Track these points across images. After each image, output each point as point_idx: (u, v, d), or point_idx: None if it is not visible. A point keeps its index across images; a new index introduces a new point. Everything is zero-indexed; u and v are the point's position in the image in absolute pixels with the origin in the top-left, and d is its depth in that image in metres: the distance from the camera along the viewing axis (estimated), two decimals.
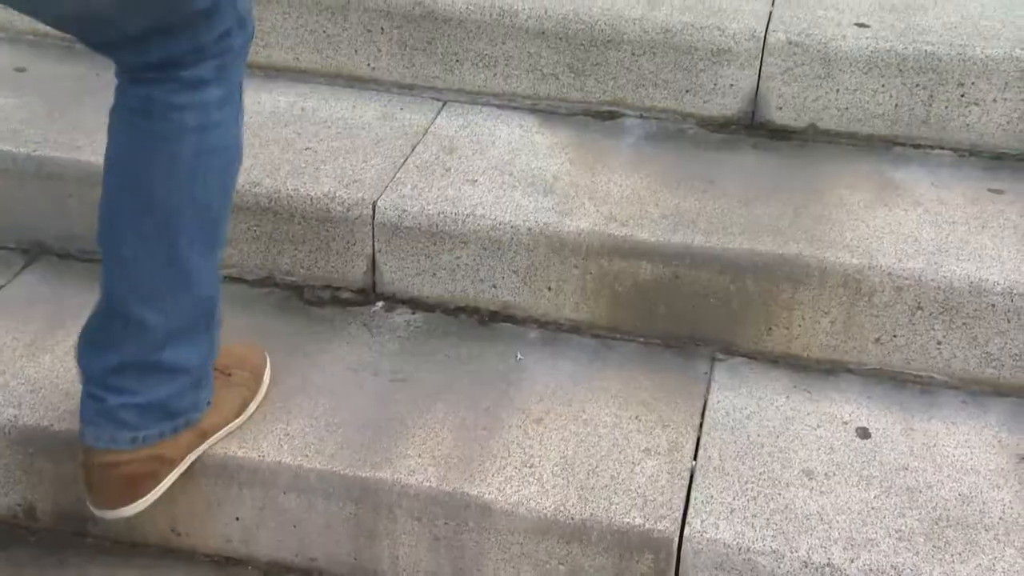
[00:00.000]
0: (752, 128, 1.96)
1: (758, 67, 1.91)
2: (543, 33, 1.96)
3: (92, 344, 1.36)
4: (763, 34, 1.90)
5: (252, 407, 1.52)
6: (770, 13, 1.97)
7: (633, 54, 1.95)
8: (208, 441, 1.46)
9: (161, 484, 1.40)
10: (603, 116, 1.99)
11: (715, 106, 1.96)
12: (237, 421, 1.49)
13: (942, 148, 1.91)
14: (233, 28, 1.27)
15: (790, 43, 1.89)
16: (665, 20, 1.93)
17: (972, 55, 1.85)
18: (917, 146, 1.92)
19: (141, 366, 1.34)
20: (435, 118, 1.97)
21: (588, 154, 1.88)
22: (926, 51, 1.86)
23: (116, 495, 1.37)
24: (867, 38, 1.89)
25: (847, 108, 1.92)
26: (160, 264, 1.30)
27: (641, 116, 1.99)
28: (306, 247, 1.77)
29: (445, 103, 2.02)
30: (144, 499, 1.38)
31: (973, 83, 1.86)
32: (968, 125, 1.89)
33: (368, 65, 2.05)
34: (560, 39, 1.96)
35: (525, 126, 1.96)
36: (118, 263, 1.31)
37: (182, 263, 1.31)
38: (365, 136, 1.90)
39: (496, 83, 2.01)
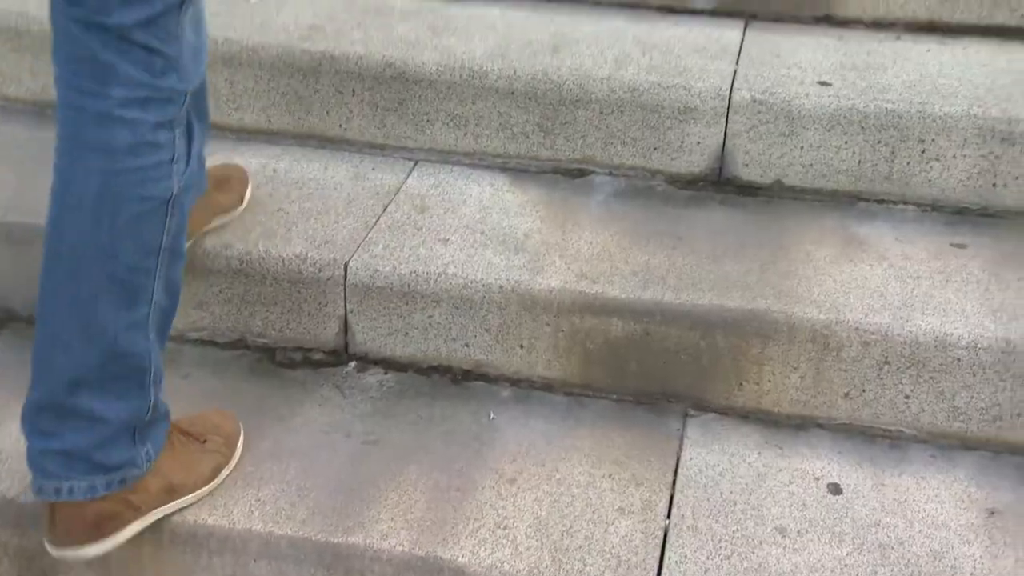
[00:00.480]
0: (719, 184, 1.99)
1: (724, 125, 1.95)
2: (512, 93, 1.99)
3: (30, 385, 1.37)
4: (728, 93, 1.94)
5: (224, 473, 1.51)
6: (735, 72, 2.01)
7: (601, 113, 1.98)
8: (177, 502, 1.45)
9: (125, 530, 1.38)
10: (573, 174, 2.02)
11: (683, 163, 1.99)
12: (208, 487, 1.48)
13: (905, 203, 1.95)
14: (168, 62, 1.28)
15: (755, 101, 1.93)
16: (632, 79, 1.96)
17: (931, 112, 1.89)
18: (881, 201, 1.95)
19: (54, 407, 1.33)
20: (406, 178, 1.98)
21: (558, 212, 1.90)
22: (887, 109, 1.90)
23: (78, 533, 1.35)
24: (829, 96, 1.93)
25: (811, 164, 1.95)
26: (64, 306, 1.31)
27: (610, 173, 2.01)
28: (278, 309, 1.77)
29: (416, 163, 2.03)
30: (106, 540, 1.36)
31: (933, 140, 1.90)
32: (930, 180, 1.93)
33: (340, 126, 2.07)
34: (529, 99, 1.99)
35: (496, 185, 1.98)
36: (39, 297, 1.33)
37: (88, 312, 1.31)
38: (337, 197, 1.91)
39: (467, 142, 2.04)
